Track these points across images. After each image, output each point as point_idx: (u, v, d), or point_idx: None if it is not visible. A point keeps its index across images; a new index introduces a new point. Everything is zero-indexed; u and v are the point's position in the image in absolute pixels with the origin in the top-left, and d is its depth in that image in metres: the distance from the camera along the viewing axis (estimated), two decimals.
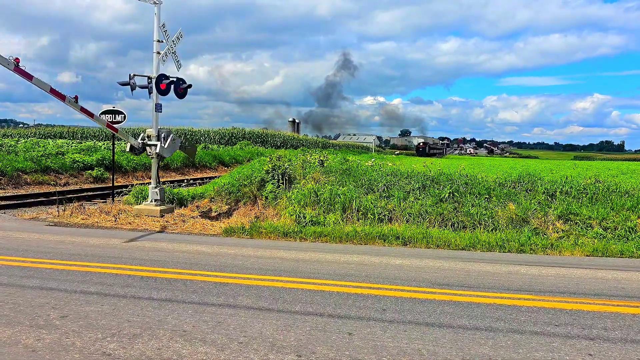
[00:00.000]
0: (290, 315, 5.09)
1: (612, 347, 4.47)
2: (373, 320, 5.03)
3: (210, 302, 5.48)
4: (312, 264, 7.61)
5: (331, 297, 5.81)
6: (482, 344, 4.45)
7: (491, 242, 9.47)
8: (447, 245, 9.46)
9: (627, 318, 5.30)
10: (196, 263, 7.42)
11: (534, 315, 5.33)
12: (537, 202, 11.14)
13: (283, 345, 4.29)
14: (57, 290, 5.78)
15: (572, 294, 6.21)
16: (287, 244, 9.47)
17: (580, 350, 4.37)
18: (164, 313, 5.06)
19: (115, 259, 7.55)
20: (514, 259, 8.45)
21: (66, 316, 4.89)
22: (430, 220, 10.93)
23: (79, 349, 4.12)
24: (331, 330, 4.71)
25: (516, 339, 4.59)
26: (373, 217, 11.13)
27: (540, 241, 9.58)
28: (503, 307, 5.56)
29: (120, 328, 4.60)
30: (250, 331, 4.61)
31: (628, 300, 5.97)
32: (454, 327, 4.86)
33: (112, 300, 5.43)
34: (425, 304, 5.63)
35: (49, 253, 7.81)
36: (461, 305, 5.62)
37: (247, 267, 7.27)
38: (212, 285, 6.16)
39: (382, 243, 9.66)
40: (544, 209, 10.82)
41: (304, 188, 12.39)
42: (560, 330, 4.85)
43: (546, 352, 4.30)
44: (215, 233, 10.70)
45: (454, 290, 6.21)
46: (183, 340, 4.34)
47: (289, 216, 11.40)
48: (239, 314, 5.10)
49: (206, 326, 4.71)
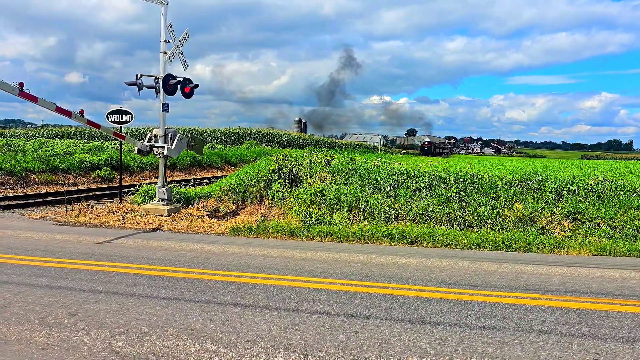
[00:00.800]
0: (297, 314, 5.11)
1: (620, 346, 4.45)
2: (380, 319, 5.04)
3: (217, 300, 5.51)
4: (318, 263, 7.63)
5: (338, 296, 5.82)
6: (489, 343, 4.45)
7: (498, 241, 9.45)
8: (453, 244, 9.45)
9: (634, 317, 5.28)
10: (203, 262, 7.46)
11: (541, 314, 5.32)
12: (544, 201, 11.10)
13: (290, 344, 4.31)
14: (65, 289, 5.83)
15: (580, 293, 6.19)
16: (294, 243, 9.49)
17: (587, 349, 4.36)
18: (172, 312, 5.09)
19: (123, 258, 7.60)
20: (521, 258, 8.43)
21: (75, 314, 4.93)
22: (437, 219, 10.92)
23: (87, 347, 4.15)
24: (338, 329, 4.72)
25: (523, 338, 4.59)
26: (379, 216, 11.13)
27: (548, 240, 9.55)
28: (510, 306, 5.56)
29: (128, 326, 4.64)
30: (257, 330, 4.64)
31: (636, 300, 5.94)
32: (461, 326, 4.87)
33: (120, 299, 5.47)
34: (432, 303, 5.63)
35: (57, 252, 7.87)
36: (468, 304, 5.61)
37: (254, 266, 7.30)
38: (219, 284, 6.19)
39: (389, 242, 9.66)
40: (551, 208, 10.77)
41: (310, 187, 12.41)
42: (568, 330, 4.84)
43: (553, 351, 4.30)
44: (222, 232, 10.74)
45: (460, 289, 6.20)
46: (191, 339, 4.37)
47: (295, 215, 11.42)
48: (246, 312, 5.13)
49: (214, 325, 4.74)
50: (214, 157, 37.12)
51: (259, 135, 70.75)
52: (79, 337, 4.35)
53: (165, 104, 12.52)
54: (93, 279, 6.31)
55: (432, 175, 12.93)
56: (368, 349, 4.26)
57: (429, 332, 4.70)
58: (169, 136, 12.46)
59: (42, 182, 20.83)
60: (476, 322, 4.99)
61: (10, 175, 19.90)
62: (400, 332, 4.67)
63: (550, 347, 4.40)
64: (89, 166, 24.06)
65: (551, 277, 7.00)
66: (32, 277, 6.32)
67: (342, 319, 4.99)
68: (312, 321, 4.91)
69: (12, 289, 5.76)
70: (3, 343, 4.19)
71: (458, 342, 4.47)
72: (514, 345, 4.42)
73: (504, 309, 5.45)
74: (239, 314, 5.06)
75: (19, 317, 4.84)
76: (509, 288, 6.34)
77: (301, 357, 4.06)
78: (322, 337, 4.49)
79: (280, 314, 5.10)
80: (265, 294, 5.83)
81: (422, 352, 4.22)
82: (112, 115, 14.26)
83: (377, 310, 5.32)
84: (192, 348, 4.17)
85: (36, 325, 4.63)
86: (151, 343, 4.26)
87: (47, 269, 6.75)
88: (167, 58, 12.32)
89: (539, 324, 4.98)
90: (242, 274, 6.73)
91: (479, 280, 6.72)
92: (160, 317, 4.91)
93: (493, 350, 4.30)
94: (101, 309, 5.13)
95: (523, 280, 6.81)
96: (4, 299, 5.36)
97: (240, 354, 4.08)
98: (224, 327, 4.67)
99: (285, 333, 4.57)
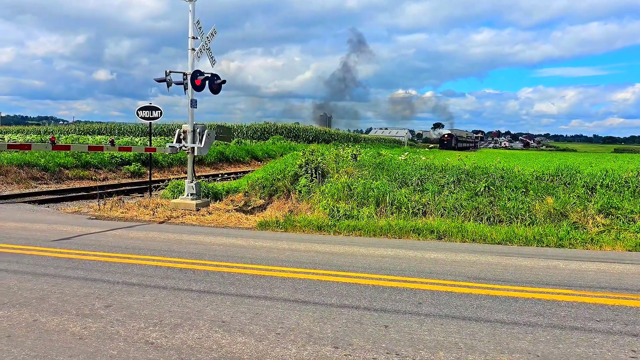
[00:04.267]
0: (326, 308, 5.14)
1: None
2: (409, 313, 5.03)
3: (247, 293, 5.58)
4: (346, 257, 7.65)
5: (366, 290, 5.83)
6: (520, 339, 4.40)
7: (528, 236, 9.30)
8: (482, 239, 9.34)
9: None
10: (232, 256, 7.55)
11: (574, 310, 5.23)
12: (576, 195, 10.88)
13: (320, 337, 4.34)
14: (100, 281, 5.98)
15: (614, 289, 6.06)
16: (321, 238, 9.53)
17: (622, 346, 4.27)
18: (203, 304, 5.18)
19: (155, 251, 7.75)
20: (552, 254, 8.29)
21: (110, 306, 5.06)
22: (465, 214, 10.81)
23: (123, 337, 4.26)
24: (367, 322, 4.73)
25: (556, 334, 4.52)
26: (407, 211, 11.07)
27: (580, 236, 9.36)
28: (542, 302, 5.48)
29: (161, 318, 4.74)
30: (287, 322, 4.68)
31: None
32: (492, 321, 4.82)
33: (153, 291, 5.59)
34: (462, 297, 5.59)
35: (91, 245, 8.07)
36: (498, 299, 5.56)
37: (282, 260, 7.36)
38: (248, 278, 6.26)
39: (417, 237, 9.61)
40: (583, 202, 10.55)
41: (337, 182, 12.42)
42: (602, 326, 4.75)
43: (587, 348, 4.23)
44: (250, 226, 10.84)
45: (490, 285, 6.14)
46: (222, 331, 4.44)
47: (322, 210, 11.45)
48: (275, 305, 5.18)
49: (244, 317, 4.81)
50: (241, 152, 37.44)
51: (284, 130, 71.07)
52: (115, 328, 4.46)
53: (193, 100, 12.67)
54: (126, 271, 6.45)
55: (460, 169, 12.79)
56: (398, 342, 4.26)
57: (459, 327, 4.67)
58: (197, 132, 12.62)
59: (75, 177, 21.35)
60: (507, 318, 4.94)
61: (45, 171, 20.46)
62: (430, 327, 4.65)
63: (584, 343, 4.33)
64: (120, 162, 24.55)
65: (584, 273, 6.87)
66: (68, 269, 6.50)
67: (371, 313, 5.00)
68: (341, 315, 4.93)
69: (50, 280, 5.94)
70: (43, 333, 4.33)
71: (489, 337, 4.43)
72: (547, 341, 4.36)
73: (535, 305, 5.37)
74: (269, 307, 5.12)
75: (57, 307, 4.99)
76: (540, 284, 6.25)
77: (331, 350, 4.08)
78: (352, 331, 4.50)
79: (309, 307, 5.14)
80: (294, 287, 5.88)
81: (453, 346, 4.20)
82: (142, 112, 14.52)
83: (406, 304, 5.31)
84: (224, 340, 4.24)
85: (73, 315, 4.77)
86: (184, 334, 4.34)
87: (82, 261, 6.94)
88: (195, 54, 12.46)
89: (572, 320, 4.90)
90: (270, 268, 6.79)
91: (510, 276, 6.63)
92: (192, 309, 5.00)
93: (525, 346, 4.25)
94: (135, 300, 5.26)
95: (555, 275, 6.70)
96: (43, 290, 5.53)
97: (271, 346, 4.13)
98: (255, 320, 4.73)
99: (315, 326, 4.61)
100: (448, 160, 14.44)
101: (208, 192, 13.93)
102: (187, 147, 12.62)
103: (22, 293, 5.43)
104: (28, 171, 19.81)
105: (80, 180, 21.23)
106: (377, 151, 18.46)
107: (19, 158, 19.98)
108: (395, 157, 15.97)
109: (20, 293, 5.43)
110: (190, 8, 12.37)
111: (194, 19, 12.37)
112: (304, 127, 77.17)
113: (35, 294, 5.40)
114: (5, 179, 18.71)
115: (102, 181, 21.73)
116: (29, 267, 6.53)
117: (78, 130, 71.08)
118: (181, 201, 12.66)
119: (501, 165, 13.83)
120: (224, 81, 12.97)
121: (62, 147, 9.73)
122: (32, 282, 5.87)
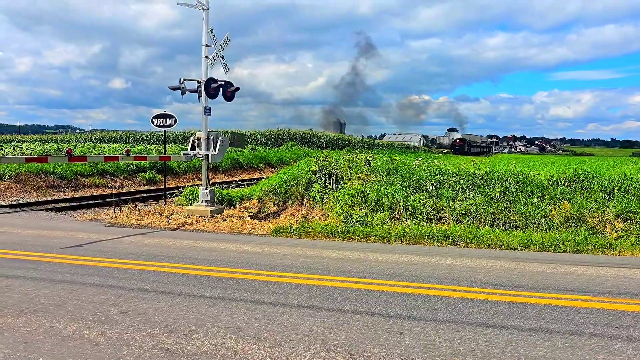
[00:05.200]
0: (341, 314, 5.12)
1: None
2: (424, 320, 4.98)
3: (261, 300, 5.58)
4: (360, 263, 7.62)
5: (381, 296, 5.79)
6: (538, 346, 4.33)
7: (545, 241, 9.19)
8: (498, 245, 9.25)
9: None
10: (246, 262, 7.56)
11: (593, 316, 5.14)
12: (593, 200, 10.72)
13: (335, 344, 4.32)
14: (116, 287, 6.03)
15: (634, 295, 5.95)
16: (335, 244, 9.51)
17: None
18: (218, 310, 5.19)
19: (170, 258, 7.80)
20: (570, 259, 8.17)
21: (126, 312, 5.09)
22: (481, 219, 10.71)
23: (138, 343, 4.28)
24: (382, 329, 4.70)
25: (574, 341, 4.44)
26: (421, 216, 11.01)
27: (598, 241, 9.22)
28: (559, 308, 5.40)
29: (176, 324, 4.76)
30: (301, 329, 4.67)
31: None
32: (508, 328, 4.76)
33: (168, 298, 5.62)
34: (478, 304, 5.53)
35: (107, 252, 8.15)
36: (515, 305, 5.49)
37: (296, 266, 7.35)
38: (262, 284, 6.26)
39: (431, 243, 9.54)
40: (601, 207, 10.39)
41: (351, 188, 12.40)
42: (622, 333, 4.66)
43: (607, 355, 4.15)
44: (264, 233, 10.86)
45: (507, 291, 6.07)
46: (237, 337, 4.44)
47: (336, 216, 11.44)
48: (290, 312, 5.17)
49: (258, 324, 4.80)
50: (255, 158, 37.58)
51: (298, 137, 71.20)
52: (130, 334, 4.49)
53: (207, 107, 12.77)
54: (142, 278, 6.50)
55: (475, 174, 12.70)
56: (413, 349, 4.22)
57: (476, 333, 4.62)
58: (211, 139, 12.70)
59: (91, 185, 21.61)
60: (524, 324, 4.87)
61: (62, 179, 20.73)
62: (445, 333, 4.60)
63: (604, 350, 4.25)
64: (135, 169, 24.80)
65: (603, 279, 6.76)
66: (84, 276, 6.56)
67: (386, 320, 4.97)
68: (355, 321, 4.91)
69: (66, 287, 6.00)
70: (60, 339, 4.37)
71: (506, 344, 4.37)
72: (565, 348, 4.29)
73: (553, 311, 5.30)
74: (283, 314, 5.11)
75: (74, 314, 5.03)
76: (558, 290, 6.16)
77: (346, 356, 4.06)
78: (367, 337, 4.47)
79: (324, 314, 5.12)
80: (309, 293, 5.86)
81: (469, 353, 4.15)
82: (156, 120, 14.66)
83: (421, 311, 5.27)
84: (238, 346, 4.24)
85: (89, 322, 4.80)
86: (199, 341, 4.35)
87: (98, 268, 7.00)
88: (209, 62, 12.57)
89: (591, 327, 4.82)
90: (285, 274, 6.79)
91: (526, 282, 6.55)
92: (207, 316, 5.01)
93: (543, 353, 4.18)
94: (150, 307, 5.28)
95: (573, 281, 6.60)
96: (60, 297, 5.59)
97: (286, 352, 4.12)
98: (269, 326, 4.73)
99: (329, 333, 4.58)
100: (463, 166, 14.34)
101: (222, 198, 13.99)
102: (201, 155, 12.71)
103: (39, 299, 5.49)
104: (45, 179, 20.09)
105: (97, 188, 21.47)
106: (391, 157, 18.40)
107: (36, 167, 20.27)
108: (410, 162, 15.91)
109: (38, 299, 5.50)
110: (204, 16, 12.49)
111: (208, 27, 12.48)
112: (317, 133, 77.28)
113: (52, 301, 5.45)
114: (23, 187, 18.99)
115: (118, 189, 21.96)
116: (46, 274, 6.61)
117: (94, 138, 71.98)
118: (196, 208, 12.74)
119: (517, 169, 13.70)
120: (238, 88, 13.05)
121: (78, 158, 9.88)
122: (49, 288, 5.93)
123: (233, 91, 13.00)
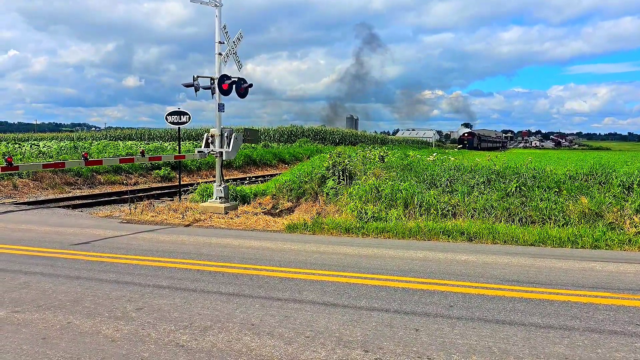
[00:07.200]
0: (356, 311, 5.09)
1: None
2: (440, 316, 4.94)
3: (276, 296, 5.57)
4: (375, 259, 7.58)
5: (396, 292, 5.75)
6: (556, 343, 4.27)
7: (562, 237, 9.06)
8: (514, 241, 9.14)
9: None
10: (261, 258, 7.56)
11: (613, 313, 5.05)
12: (612, 195, 10.55)
13: (350, 340, 4.30)
14: (132, 284, 6.06)
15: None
16: (350, 240, 9.47)
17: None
18: (232, 307, 5.19)
19: (184, 254, 7.83)
20: (588, 255, 8.05)
21: (141, 309, 5.12)
22: (496, 215, 10.60)
23: (154, 340, 4.30)
24: (397, 326, 4.66)
25: (594, 339, 4.37)
26: (436, 212, 10.92)
27: (617, 236, 9.07)
28: (578, 305, 5.31)
29: (191, 320, 4.77)
30: (316, 325, 4.65)
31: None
32: (526, 325, 4.69)
33: (183, 294, 5.63)
34: (495, 300, 5.47)
35: (122, 249, 8.20)
36: (532, 302, 5.41)
37: (310, 262, 7.33)
38: (277, 280, 6.25)
39: (446, 239, 9.46)
40: (619, 202, 10.22)
41: (364, 184, 12.34)
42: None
43: (628, 353, 4.07)
44: (278, 229, 10.86)
45: (524, 287, 5.99)
46: (252, 334, 4.44)
47: (350, 212, 11.39)
48: (304, 308, 5.15)
49: (273, 320, 4.79)
50: (268, 155, 37.65)
51: (311, 133, 71.21)
52: (146, 330, 4.50)
53: (220, 104, 12.78)
54: (157, 274, 6.53)
55: (490, 170, 12.56)
56: (429, 346, 4.18)
57: (493, 330, 4.56)
58: (225, 135, 12.72)
59: (107, 182, 21.82)
60: (542, 321, 4.80)
61: (78, 176, 20.96)
62: (462, 330, 4.55)
63: (625, 348, 4.17)
64: (150, 166, 24.97)
65: (622, 275, 6.64)
66: (100, 272, 6.61)
67: (402, 316, 4.93)
68: (370, 318, 4.88)
69: (83, 283, 6.05)
70: (77, 335, 4.40)
71: (523, 341, 4.31)
72: (585, 346, 4.22)
73: (572, 308, 5.21)
74: (298, 310, 5.10)
75: (90, 310, 5.07)
76: (576, 286, 6.07)
77: (361, 353, 4.03)
78: (382, 334, 4.44)
79: (338, 310, 5.09)
80: (323, 290, 5.84)
81: (486, 351, 4.10)
82: (170, 117, 14.72)
83: (437, 307, 5.22)
84: (253, 343, 4.23)
85: (106, 318, 4.84)
86: (214, 337, 4.35)
87: (114, 264, 7.05)
88: (222, 59, 12.57)
89: (612, 324, 4.73)
90: (299, 270, 6.77)
91: (544, 278, 6.46)
92: (222, 312, 5.02)
93: (562, 350, 4.12)
94: (165, 303, 5.30)
95: (592, 278, 6.50)
96: (77, 293, 5.64)
97: (301, 349, 4.11)
98: (284, 323, 4.72)
99: (344, 329, 4.56)
100: (478, 161, 14.20)
101: (236, 195, 14.02)
102: (215, 152, 12.73)
103: (56, 296, 5.55)
104: (62, 176, 20.32)
105: (112, 185, 21.67)
106: (405, 152, 18.30)
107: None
108: (424, 158, 15.79)
109: (55, 296, 5.55)
110: (217, 13, 12.49)
111: (221, 24, 12.48)
112: (331, 129, 77.21)
113: (69, 297, 5.50)
114: (40, 184, 19.23)
115: (133, 186, 22.13)
116: (63, 271, 6.67)
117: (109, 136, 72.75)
118: (210, 204, 12.78)
119: (533, 165, 13.52)
120: (251, 85, 13.04)
121: (94, 162, 10.01)
122: (66, 285, 5.99)
123: (246, 88, 12.99)
